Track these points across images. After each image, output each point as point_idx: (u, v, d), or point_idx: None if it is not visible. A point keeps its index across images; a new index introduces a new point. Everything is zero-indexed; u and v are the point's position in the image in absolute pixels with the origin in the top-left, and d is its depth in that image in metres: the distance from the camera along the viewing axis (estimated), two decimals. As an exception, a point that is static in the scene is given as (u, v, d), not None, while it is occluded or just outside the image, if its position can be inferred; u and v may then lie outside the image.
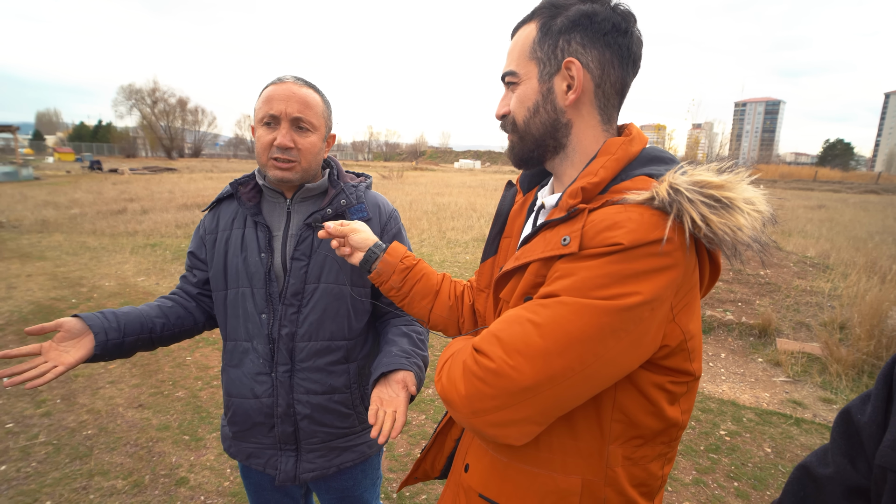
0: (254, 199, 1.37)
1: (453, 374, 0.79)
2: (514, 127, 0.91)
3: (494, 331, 0.76)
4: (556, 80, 0.86)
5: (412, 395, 1.20)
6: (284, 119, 1.24)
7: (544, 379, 0.71)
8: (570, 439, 0.82)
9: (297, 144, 1.26)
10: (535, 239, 0.84)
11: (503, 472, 0.88)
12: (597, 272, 0.71)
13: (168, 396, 3.64)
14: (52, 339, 1.16)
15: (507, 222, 1.07)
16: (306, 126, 1.27)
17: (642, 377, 0.78)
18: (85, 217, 11.53)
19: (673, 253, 0.71)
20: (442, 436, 1.15)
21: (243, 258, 1.33)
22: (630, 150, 0.83)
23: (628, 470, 0.82)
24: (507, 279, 0.89)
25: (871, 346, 4.24)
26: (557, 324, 0.71)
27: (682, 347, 0.78)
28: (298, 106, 1.25)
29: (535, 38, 0.87)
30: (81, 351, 1.17)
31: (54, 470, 2.78)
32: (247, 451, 1.41)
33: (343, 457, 1.41)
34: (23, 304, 5.51)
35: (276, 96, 1.24)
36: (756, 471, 2.95)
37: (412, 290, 1.17)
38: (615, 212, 0.74)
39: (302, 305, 1.32)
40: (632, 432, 0.81)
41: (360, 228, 1.20)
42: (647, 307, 0.70)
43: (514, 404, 0.72)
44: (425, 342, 1.39)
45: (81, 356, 1.17)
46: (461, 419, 0.78)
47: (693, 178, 0.73)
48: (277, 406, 1.34)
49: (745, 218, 0.72)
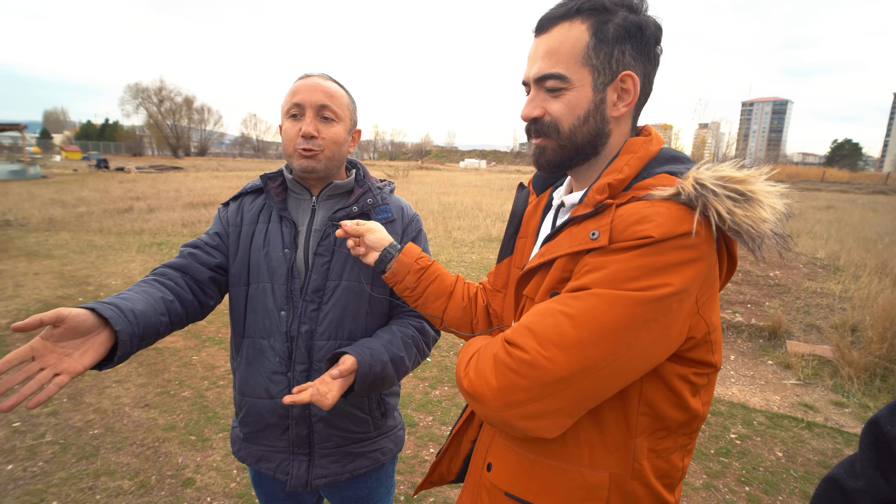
0: (281, 195, 1.37)
1: (483, 367, 0.79)
2: (557, 133, 0.88)
3: (526, 323, 0.77)
4: (609, 90, 0.85)
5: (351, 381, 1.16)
6: (309, 108, 1.25)
7: (578, 369, 0.72)
8: (597, 434, 0.83)
9: (322, 133, 1.27)
10: (561, 235, 0.85)
11: (530, 469, 0.88)
12: (628, 264, 0.73)
13: (174, 396, 3.64)
14: (42, 336, 0.91)
15: (521, 223, 1.08)
16: (330, 116, 1.28)
17: (668, 369, 0.80)
18: (92, 215, 11.58)
19: (700, 246, 0.73)
20: (458, 438, 1.15)
21: (265, 253, 1.32)
22: (650, 150, 0.85)
23: (653, 462, 0.84)
24: (531, 276, 0.90)
25: (883, 348, 4.18)
26: (591, 315, 0.72)
27: (705, 339, 0.79)
28: (322, 95, 1.27)
29: (588, 43, 0.83)
30: (90, 355, 0.94)
31: (61, 469, 2.77)
32: (257, 454, 1.37)
33: (357, 462, 1.38)
34: (30, 302, 5.53)
35: (301, 88, 1.26)
36: (767, 475, 2.90)
37: (426, 290, 1.17)
38: (643, 206, 0.76)
39: (322, 302, 1.30)
40: (657, 424, 0.83)
41: (376, 228, 1.21)
42: (676, 298, 0.72)
43: (548, 395, 0.73)
44: (412, 345, 1.33)
45: (89, 363, 0.93)
46: (491, 413, 0.77)
47: (717, 174, 0.75)
48: (293, 407, 1.31)
49: (767, 211, 0.73)
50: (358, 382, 1.16)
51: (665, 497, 0.86)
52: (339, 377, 1.13)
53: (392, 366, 1.24)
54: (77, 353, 0.93)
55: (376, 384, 1.21)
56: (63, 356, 0.91)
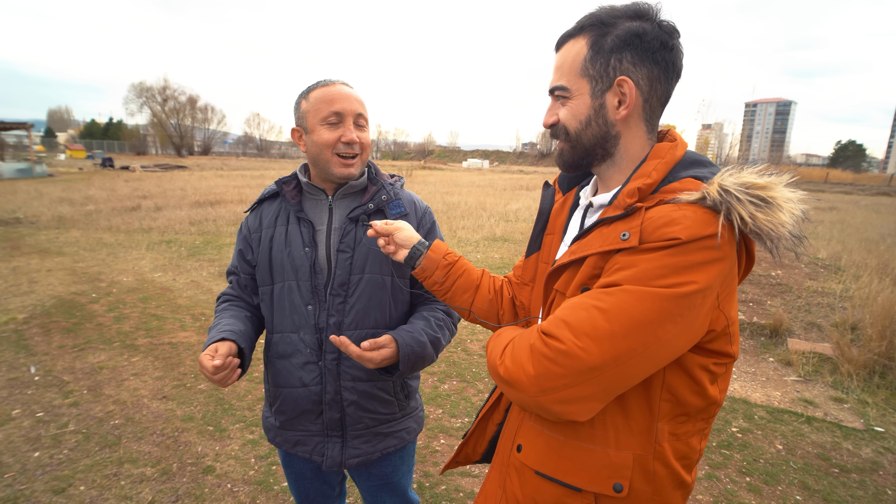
0: (296, 198, 1.45)
1: (519, 356, 0.86)
2: (567, 136, 0.98)
3: (562, 316, 0.84)
4: (608, 96, 0.93)
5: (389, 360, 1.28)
6: (349, 116, 1.33)
7: (610, 359, 0.79)
8: (622, 418, 0.90)
9: (361, 140, 1.36)
10: (591, 234, 0.92)
11: (559, 450, 0.95)
12: (657, 263, 0.80)
13: (191, 389, 3.74)
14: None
15: (549, 220, 1.15)
16: (363, 123, 1.37)
17: (689, 359, 0.87)
18: (100, 213, 11.71)
19: (723, 247, 0.80)
20: (484, 421, 1.23)
21: (288, 253, 1.40)
22: (676, 154, 0.92)
23: (673, 444, 0.91)
24: (561, 271, 0.97)
25: (882, 346, 4.27)
26: (622, 309, 0.79)
27: (725, 332, 0.87)
28: (358, 105, 1.36)
29: (586, 56, 0.93)
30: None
31: (85, 457, 2.88)
32: (294, 438, 1.47)
33: (386, 442, 1.48)
34: (45, 297, 5.65)
35: (336, 96, 1.33)
36: (768, 466, 2.99)
37: (454, 284, 1.24)
38: (671, 210, 0.82)
39: (348, 295, 1.39)
40: (678, 410, 0.90)
41: (404, 227, 1.28)
42: (701, 295, 0.79)
43: (582, 382, 0.81)
44: (444, 326, 1.45)
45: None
46: (527, 399, 0.85)
47: (740, 180, 0.82)
48: (326, 393, 1.40)
49: (786, 215, 0.81)
50: (402, 362, 1.28)
51: (683, 477, 0.93)
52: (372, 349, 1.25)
53: (431, 346, 1.36)
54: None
55: (418, 363, 1.32)
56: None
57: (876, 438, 3.33)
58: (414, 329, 1.36)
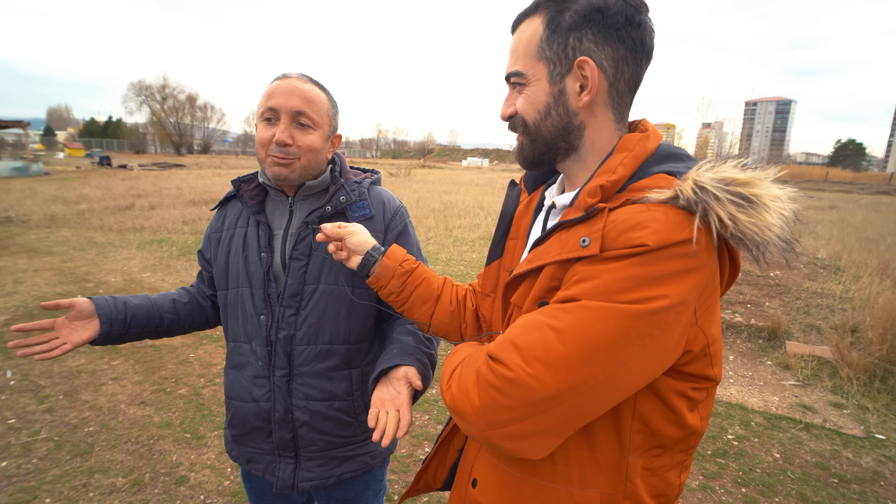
0: (257, 198, 1.34)
1: (465, 383, 0.75)
2: (525, 129, 0.86)
3: (511, 337, 0.72)
4: (568, 80, 0.81)
5: (418, 390, 1.11)
6: (284, 114, 1.19)
7: (566, 388, 0.67)
8: (587, 452, 0.78)
9: (297, 141, 1.21)
10: (550, 240, 0.80)
11: (516, 488, 0.84)
12: (621, 275, 0.68)
13: (170, 394, 3.63)
14: (65, 317, 1.24)
15: (512, 223, 1.03)
16: (307, 122, 1.21)
17: (664, 384, 0.75)
18: (93, 212, 11.59)
19: (699, 254, 0.68)
20: (444, 446, 1.11)
21: (244, 257, 1.30)
22: (647, 147, 0.80)
23: (647, 481, 0.79)
24: (518, 282, 0.85)
25: (883, 350, 4.16)
26: (580, 329, 0.67)
27: (704, 352, 0.75)
28: (299, 101, 1.20)
29: (542, 36, 0.81)
30: (88, 332, 1.25)
31: (55, 467, 2.77)
32: (247, 455, 1.37)
33: (344, 467, 1.35)
34: (28, 298, 5.53)
35: (277, 91, 1.20)
36: (764, 477, 2.88)
37: (412, 294, 1.12)
38: (638, 211, 0.70)
39: (300, 307, 1.27)
40: (651, 442, 0.78)
41: (358, 231, 1.15)
42: (673, 311, 0.67)
43: (534, 416, 0.68)
44: (433, 341, 1.31)
45: (87, 337, 1.24)
46: (474, 432, 0.73)
47: (718, 175, 0.70)
48: (275, 411, 1.29)
49: (773, 216, 0.68)
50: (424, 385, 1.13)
51: None
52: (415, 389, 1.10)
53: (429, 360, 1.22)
54: (81, 331, 1.25)
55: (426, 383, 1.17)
56: (72, 331, 1.24)
57: (877, 446, 3.22)
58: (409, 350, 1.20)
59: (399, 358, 1.14)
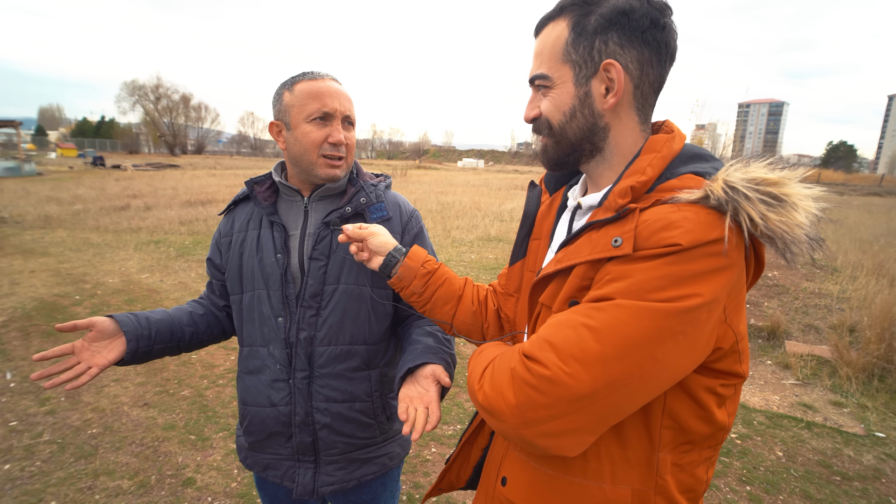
0: (270, 199, 1.33)
1: (499, 381, 0.75)
2: (550, 131, 0.87)
3: (545, 336, 0.73)
4: (594, 82, 0.82)
5: (445, 387, 1.11)
6: (338, 116, 1.23)
7: (602, 386, 0.68)
8: (618, 448, 0.80)
9: (348, 141, 1.26)
10: (579, 240, 0.81)
11: (548, 486, 0.85)
12: (654, 274, 0.69)
13: (174, 395, 3.62)
14: (83, 339, 1.17)
15: (535, 224, 1.04)
16: (352, 124, 1.28)
17: (693, 381, 0.76)
18: (88, 213, 11.51)
19: (730, 253, 0.69)
20: (468, 445, 1.11)
21: (258, 259, 1.29)
22: (673, 148, 0.81)
23: (677, 477, 0.81)
24: (546, 282, 0.86)
25: (881, 349, 4.20)
26: (615, 327, 0.68)
27: (733, 349, 0.76)
28: (348, 103, 1.26)
29: (567, 39, 0.82)
30: (114, 353, 1.18)
31: (59, 469, 2.75)
32: (264, 462, 1.36)
33: (364, 469, 1.35)
34: (26, 300, 5.49)
35: (325, 93, 1.21)
36: (768, 475, 2.91)
37: (434, 295, 1.13)
38: (669, 211, 0.71)
39: (321, 308, 1.27)
40: (681, 438, 0.80)
41: (379, 232, 1.16)
42: (706, 309, 0.68)
43: (570, 413, 0.69)
44: (451, 341, 1.32)
45: (113, 358, 1.18)
46: (509, 430, 0.74)
47: (748, 175, 0.71)
48: (295, 415, 1.28)
49: (802, 215, 0.70)
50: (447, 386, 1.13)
51: None
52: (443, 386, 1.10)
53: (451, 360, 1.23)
54: (105, 352, 1.18)
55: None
56: (94, 353, 1.16)
57: (877, 444, 3.26)
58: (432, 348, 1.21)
59: (425, 356, 1.15)
